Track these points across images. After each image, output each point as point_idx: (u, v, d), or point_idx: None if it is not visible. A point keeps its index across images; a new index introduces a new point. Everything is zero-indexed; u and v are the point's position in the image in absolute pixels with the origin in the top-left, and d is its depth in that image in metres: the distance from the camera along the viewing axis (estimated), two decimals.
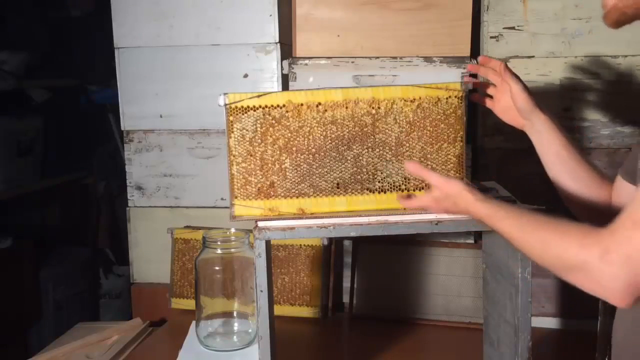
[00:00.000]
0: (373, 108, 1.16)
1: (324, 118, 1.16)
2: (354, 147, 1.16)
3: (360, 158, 1.17)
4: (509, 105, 1.20)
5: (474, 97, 1.30)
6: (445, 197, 1.06)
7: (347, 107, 1.16)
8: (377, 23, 1.63)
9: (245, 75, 1.74)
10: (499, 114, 1.25)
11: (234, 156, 1.16)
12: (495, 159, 1.64)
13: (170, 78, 1.78)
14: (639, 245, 0.76)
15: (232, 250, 1.50)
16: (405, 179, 1.17)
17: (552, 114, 1.18)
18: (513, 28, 1.61)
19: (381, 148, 1.17)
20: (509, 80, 1.18)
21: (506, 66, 1.20)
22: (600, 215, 1.04)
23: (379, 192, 1.17)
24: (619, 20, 0.93)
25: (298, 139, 1.16)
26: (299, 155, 1.16)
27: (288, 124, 1.16)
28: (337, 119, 1.16)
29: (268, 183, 1.17)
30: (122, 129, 1.84)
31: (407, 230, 1.13)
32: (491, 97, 1.26)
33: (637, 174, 0.94)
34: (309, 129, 1.16)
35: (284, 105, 1.15)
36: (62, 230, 2.87)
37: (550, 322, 1.60)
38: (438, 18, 1.61)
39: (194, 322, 1.55)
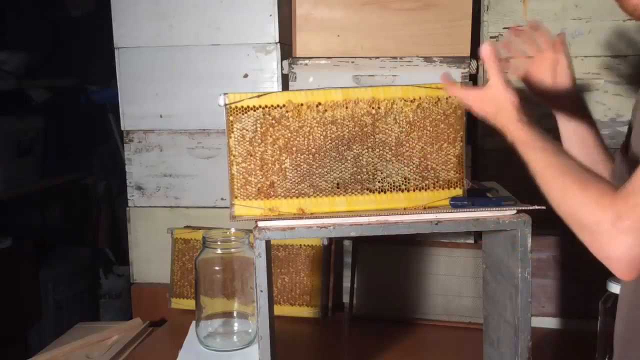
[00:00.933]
0: (373, 108, 1.16)
1: (324, 118, 1.16)
2: (354, 147, 1.16)
3: (360, 158, 1.17)
4: (545, 80, 1.15)
5: (506, 67, 1.19)
6: (492, 100, 1.00)
7: (347, 107, 1.16)
8: (377, 23, 1.63)
9: (245, 75, 1.74)
10: (529, 87, 1.18)
11: (234, 156, 1.16)
12: (495, 159, 1.64)
13: (170, 78, 1.78)
14: None
15: (232, 250, 1.50)
16: (405, 178, 1.17)
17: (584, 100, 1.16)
18: None
19: (381, 148, 1.17)
20: (562, 53, 1.13)
21: (564, 39, 1.15)
22: None
23: (379, 192, 1.17)
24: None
25: (298, 139, 1.16)
26: (299, 155, 1.16)
27: (288, 124, 1.16)
28: (337, 119, 1.16)
29: (268, 183, 1.17)
30: (122, 129, 1.83)
31: (407, 230, 1.13)
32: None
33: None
34: (309, 129, 1.16)
35: (284, 105, 1.15)
36: (62, 230, 2.87)
37: (550, 322, 1.60)
38: (438, 18, 1.61)
39: (194, 322, 1.55)
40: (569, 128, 1.16)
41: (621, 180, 0.85)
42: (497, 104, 1.00)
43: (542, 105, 1.17)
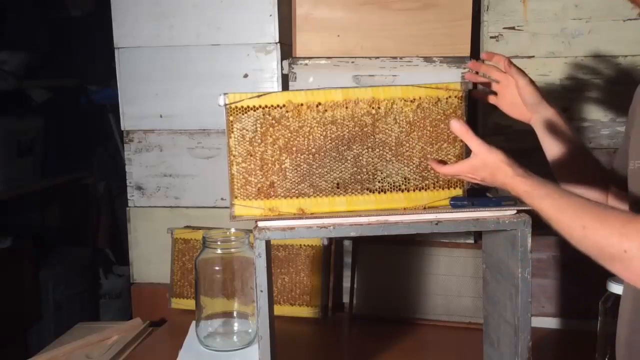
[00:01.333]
0: (373, 108, 1.16)
1: (324, 118, 1.16)
2: (354, 147, 1.16)
3: (360, 158, 1.17)
4: (515, 100, 1.21)
5: (477, 94, 1.31)
6: (484, 166, 1.02)
7: (347, 107, 1.16)
8: (377, 23, 1.63)
9: (245, 75, 1.74)
10: (505, 110, 1.25)
11: (234, 156, 1.16)
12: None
13: (170, 78, 1.78)
14: None
15: (232, 250, 1.50)
16: (405, 178, 1.17)
17: (558, 108, 1.18)
18: (513, 28, 1.61)
19: (381, 148, 1.17)
20: (515, 75, 1.19)
21: (510, 61, 1.20)
22: None
23: (379, 192, 1.17)
24: None
25: (298, 139, 1.16)
26: (299, 155, 1.16)
27: (288, 124, 1.16)
28: (337, 119, 1.16)
29: (268, 183, 1.17)
30: (122, 129, 1.83)
31: (407, 230, 1.13)
32: (495, 93, 1.26)
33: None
34: (309, 129, 1.16)
35: (284, 105, 1.15)
36: (62, 230, 2.87)
37: (550, 322, 1.60)
38: (438, 18, 1.61)
39: (194, 322, 1.55)
40: (555, 145, 1.18)
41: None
42: (489, 167, 1.02)
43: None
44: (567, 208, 0.90)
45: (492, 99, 1.26)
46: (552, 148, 1.18)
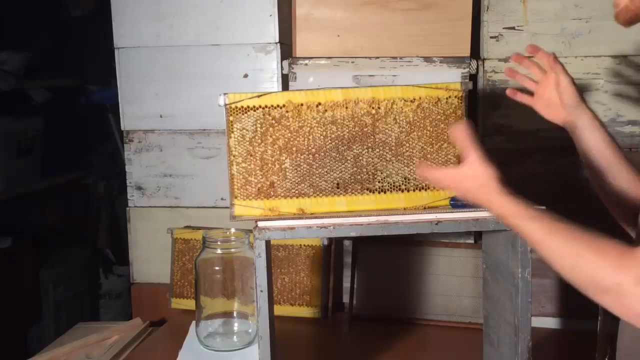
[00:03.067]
0: (373, 108, 1.16)
1: (324, 118, 1.16)
2: (354, 147, 1.16)
3: (360, 158, 1.17)
4: (553, 100, 1.16)
5: (510, 93, 1.25)
6: (473, 177, 0.98)
7: (347, 107, 1.16)
8: (377, 23, 1.63)
9: (245, 75, 1.74)
10: (539, 110, 1.20)
11: (234, 156, 1.16)
12: (495, 159, 1.63)
13: (170, 78, 1.78)
14: None
15: (232, 250, 1.50)
16: (405, 178, 1.18)
17: (594, 112, 1.15)
18: (513, 28, 1.61)
19: (381, 148, 1.17)
20: (559, 73, 1.14)
21: (556, 58, 1.16)
22: (636, 216, 1.00)
23: (379, 192, 1.17)
24: (630, 20, 0.92)
25: (298, 139, 1.16)
26: (299, 155, 1.16)
27: (288, 124, 1.16)
28: (337, 119, 1.16)
29: (268, 183, 1.17)
30: (122, 129, 1.83)
31: (407, 230, 1.13)
32: (530, 93, 1.21)
33: None
34: (309, 129, 1.16)
35: (284, 105, 1.15)
36: (62, 230, 2.87)
37: (550, 322, 1.60)
38: (438, 18, 1.61)
39: (194, 322, 1.55)
40: (592, 150, 1.13)
41: None
42: (477, 180, 0.98)
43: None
44: (559, 233, 0.85)
45: (526, 99, 1.22)
46: (587, 152, 1.14)
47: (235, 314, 1.54)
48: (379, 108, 1.16)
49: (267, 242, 1.12)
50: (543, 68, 1.19)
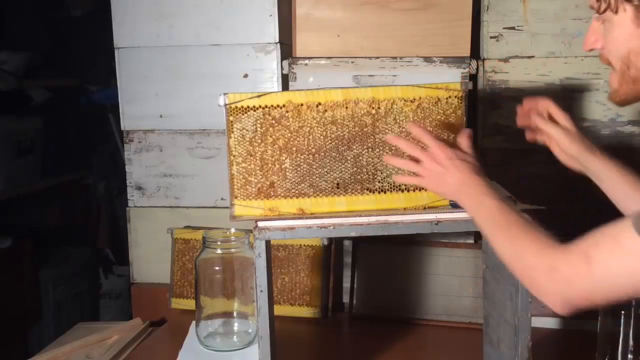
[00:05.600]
0: (373, 108, 1.16)
1: (324, 118, 1.16)
2: (354, 147, 1.16)
3: (360, 158, 1.17)
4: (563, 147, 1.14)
5: (531, 138, 1.20)
6: (457, 153, 1.05)
7: (347, 107, 1.16)
8: (377, 23, 1.63)
9: (245, 75, 1.74)
10: (557, 156, 1.16)
11: (234, 156, 1.16)
12: (495, 159, 1.64)
13: (170, 78, 1.78)
14: (582, 275, 0.83)
15: (232, 250, 1.50)
16: None
17: (605, 152, 1.11)
18: (513, 28, 1.61)
19: (381, 148, 1.17)
20: (547, 129, 1.13)
21: (540, 116, 1.14)
22: None
23: (379, 192, 1.17)
24: (625, 101, 0.96)
25: (298, 139, 1.16)
26: (299, 155, 1.16)
27: (288, 124, 1.16)
28: (337, 119, 1.16)
29: (268, 183, 1.17)
30: (122, 129, 1.83)
31: (407, 230, 1.13)
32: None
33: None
34: (309, 129, 1.16)
35: (284, 105, 1.15)
36: (62, 230, 2.87)
37: (550, 322, 1.60)
38: (438, 18, 1.61)
39: (194, 322, 1.55)
40: (610, 191, 1.11)
41: None
42: (460, 156, 1.06)
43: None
44: (509, 219, 0.95)
45: (547, 141, 1.17)
46: (606, 191, 1.11)
47: (235, 314, 1.54)
48: (379, 108, 1.16)
49: (267, 242, 1.12)
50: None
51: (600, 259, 0.82)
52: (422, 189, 1.17)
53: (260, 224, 1.13)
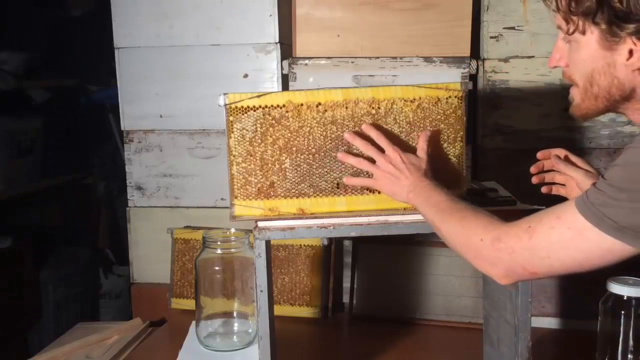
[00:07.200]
0: (373, 108, 1.16)
1: (324, 118, 1.16)
2: (354, 147, 1.16)
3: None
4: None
5: (545, 189, 1.22)
6: (411, 155, 1.10)
7: (347, 107, 1.16)
8: (377, 23, 1.63)
9: (245, 75, 1.74)
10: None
11: (234, 156, 1.16)
12: (495, 159, 1.64)
13: (170, 78, 1.78)
14: (524, 245, 0.90)
15: (232, 250, 1.50)
16: None
17: None
18: (513, 28, 1.61)
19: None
20: (569, 172, 1.15)
21: (558, 159, 1.16)
22: None
23: (379, 192, 1.17)
24: (586, 115, 1.01)
25: (298, 139, 1.16)
26: (299, 155, 1.16)
27: (288, 124, 1.16)
28: (337, 119, 1.16)
29: (268, 183, 1.17)
30: (122, 129, 1.84)
31: (407, 230, 1.13)
32: (563, 185, 1.20)
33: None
34: (309, 129, 1.16)
35: (284, 105, 1.15)
36: (62, 230, 2.86)
37: (550, 322, 1.60)
38: (438, 18, 1.61)
39: (194, 322, 1.55)
40: None
41: None
42: (412, 156, 1.12)
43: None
44: (456, 205, 1.01)
45: (561, 190, 1.20)
46: None
47: (235, 314, 1.54)
48: (379, 108, 1.16)
49: (267, 242, 1.12)
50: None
51: (542, 230, 0.88)
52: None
53: (260, 224, 1.13)
